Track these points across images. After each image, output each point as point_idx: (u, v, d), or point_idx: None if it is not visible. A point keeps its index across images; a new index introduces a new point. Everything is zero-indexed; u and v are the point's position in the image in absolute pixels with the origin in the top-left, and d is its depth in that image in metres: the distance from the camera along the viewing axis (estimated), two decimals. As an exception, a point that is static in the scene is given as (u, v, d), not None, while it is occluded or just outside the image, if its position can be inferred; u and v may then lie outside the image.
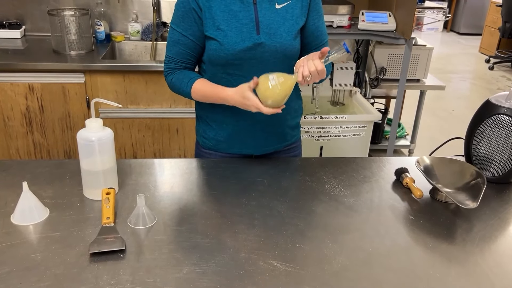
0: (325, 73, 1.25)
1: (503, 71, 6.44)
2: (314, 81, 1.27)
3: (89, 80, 2.42)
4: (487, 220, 1.22)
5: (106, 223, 1.11)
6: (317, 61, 1.23)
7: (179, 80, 1.41)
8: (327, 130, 2.60)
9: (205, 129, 1.53)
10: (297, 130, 1.60)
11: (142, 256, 1.03)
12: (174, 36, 1.40)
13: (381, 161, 1.52)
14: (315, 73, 1.23)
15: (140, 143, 2.61)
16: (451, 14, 8.50)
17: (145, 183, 1.33)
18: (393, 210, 1.25)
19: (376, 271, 1.02)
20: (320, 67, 1.22)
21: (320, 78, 1.26)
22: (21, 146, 2.55)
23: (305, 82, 1.25)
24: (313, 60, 1.23)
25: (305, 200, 1.28)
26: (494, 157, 1.37)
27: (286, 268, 1.01)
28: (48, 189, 1.27)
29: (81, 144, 1.19)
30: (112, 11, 2.89)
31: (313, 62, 1.22)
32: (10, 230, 1.11)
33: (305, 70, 1.23)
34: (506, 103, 1.35)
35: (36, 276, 0.96)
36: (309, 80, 1.24)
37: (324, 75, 1.26)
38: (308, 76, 1.23)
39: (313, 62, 1.23)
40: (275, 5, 1.37)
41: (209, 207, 1.23)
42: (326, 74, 1.43)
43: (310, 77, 1.24)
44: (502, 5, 6.36)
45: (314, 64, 1.22)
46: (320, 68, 1.22)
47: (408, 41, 2.63)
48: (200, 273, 0.99)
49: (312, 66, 1.22)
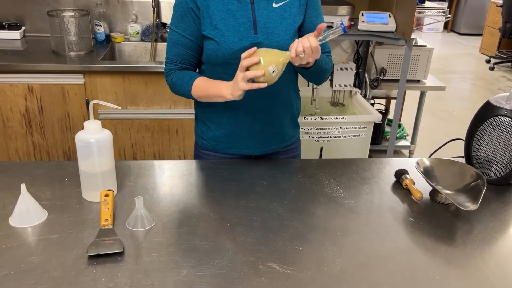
0: (319, 52, 1.22)
1: (503, 71, 6.43)
2: (308, 60, 1.23)
3: (88, 81, 2.42)
4: (487, 222, 1.22)
5: (104, 225, 1.10)
6: (312, 38, 1.20)
7: (180, 79, 1.41)
8: (327, 131, 2.60)
9: (204, 130, 1.53)
10: (296, 130, 1.60)
11: (140, 258, 1.03)
12: (174, 37, 1.40)
13: (381, 162, 1.51)
14: (309, 49, 1.19)
15: (139, 144, 2.61)
16: (451, 14, 8.49)
17: (144, 185, 1.32)
18: (393, 212, 1.24)
19: (375, 273, 1.02)
20: (314, 43, 1.19)
21: (314, 58, 1.23)
22: (20, 147, 2.55)
23: (299, 59, 1.22)
24: (308, 37, 1.20)
25: (305, 202, 1.27)
26: (494, 158, 1.37)
27: (285, 271, 1.01)
28: (47, 191, 1.27)
29: (79, 146, 1.19)
30: (112, 12, 2.89)
31: (307, 39, 1.20)
32: (8, 232, 1.10)
33: (299, 46, 1.20)
34: (506, 105, 1.35)
35: (34, 279, 0.96)
36: (302, 56, 1.21)
37: (318, 54, 1.22)
38: (302, 52, 1.20)
39: (307, 38, 1.20)
40: (272, 4, 1.37)
41: (208, 209, 1.22)
42: (324, 68, 1.41)
43: (304, 54, 1.21)
44: (503, 5, 6.36)
45: (308, 41, 1.19)
46: (314, 44, 1.19)
47: (408, 42, 2.62)
48: (198, 275, 0.98)
49: (307, 42, 1.19)
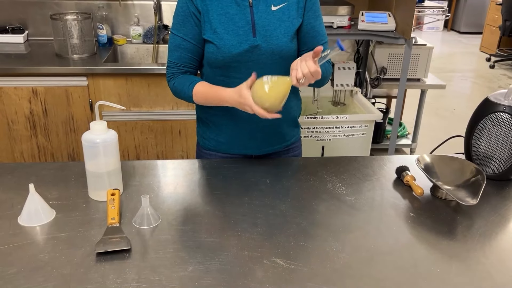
0: (319, 74, 1.21)
1: (504, 69, 6.44)
2: (309, 82, 1.23)
3: (92, 83, 2.45)
4: (487, 217, 1.24)
5: (111, 224, 1.13)
6: (310, 62, 1.19)
7: (181, 84, 1.42)
8: (329, 130, 2.61)
9: (206, 130, 1.55)
10: (296, 129, 1.61)
11: (147, 255, 1.05)
12: (175, 41, 1.41)
13: (382, 159, 1.53)
14: (309, 74, 1.20)
15: (143, 145, 2.63)
16: (451, 13, 8.51)
17: (149, 184, 1.34)
18: (395, 208, 1.26)
19: (378, 268, 1.04)
20: (313, 68, 1.19)
21: (315, 79, 1.23)
22: (25, 150, 2.57)
23: (300, 84, 1.23)
24: (306, 61, 1.20)
25: (307, 199, 1.29)
26: (494, 154, 1.39)
27: (289, 266, 1.03)
28: (54, 191, 1.29)
29: (86, 146, 1.21)
30: (114, 15, 2.92)
31: (306, 64, 1.20)
32: (17, 231, 1.12)
33: (299, 73, 1.20)
34: (504, 101, 1.37)
35: (44, 276, 0.98)
36: (303, 82, 1.22)
37: (318, 76, 1.22)
38: (302, 79, 1.20)
39: (306, 63, 1.20)
40: (271, 7, 1.37)
41: (212, 206, 1.25)
42: (325, 76, 1.42)
43: (304, 79, 1.21)
44: (502, 4, 6.37)
45: (307, 66, 1.19)
46: (313, 69, 1.19)
47: (408, 41, 2.64)
48: (204, 271, 1.01)
49: (305, 68, 1.19)
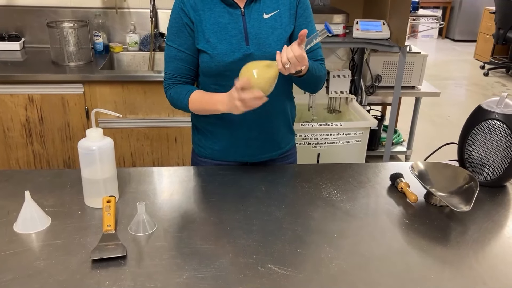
0: (305, 59, 1.21)
1: (498, 77, 6.50)
2: (296, 68, 1.22)
3: (88, 90, 2.45)
4: (480, 223, 1.25)
5: (107, 231, 1.13)
6: (295, 46, 1.19)
7: (177, 94, 1.43)
8: (324, 137, 2.63)
9: (201, 138, 1.55)
10: (291, 137, 1.62)
11: (143, 262, 1.05)
12: (171, 53, 1.42)
13: (377, 166, 1.55)
14: (293, 59, 1.19)
15: (139, 152, 2.63)
16: (445, 21, 8.58)
17: (144, 191, 1.35)
18: (389, 215, 1.27)
19: (372, 274, 1.04)
20: (297, 52, 1.18)
21: (301, 65, 1.22)
22: (21, 157, 2.57)
23: (286, 70, 1.21)
24: (292, 46, 1.20)
25: (302, 205, 1.30)
26: (487, 161, 1.40)
27: (284, 272, 1.03)
28: (50, 198, 1.29)
29: (82, 153, 1.22)
30: (110, 23, 2.93)
31: (291, 48, 1.19)
32: (13, 238, 1.13)
33: (283, 57, 1.20)
34: (497, 109, 1.38)
35: (39, 283, 0.98)
36: (288, 67, 1.20)
37: (304, 61, 1.21)
38: (287, 63, 1.20)
39: (291, 48, 1.19)
40: (263, 15, 1.38)
41: (208, 213, 1.25)
42: (317, 75, 1.39)
43: (290, 64, 1.20)
44: (496, 12, 6.44)
45: (292, 50, 1.19)
46: (297, 53, 1.18)
47: (402, 49, 2.67)
48: (200, 278, 1.01)
49: (290, 52, 1.19)
